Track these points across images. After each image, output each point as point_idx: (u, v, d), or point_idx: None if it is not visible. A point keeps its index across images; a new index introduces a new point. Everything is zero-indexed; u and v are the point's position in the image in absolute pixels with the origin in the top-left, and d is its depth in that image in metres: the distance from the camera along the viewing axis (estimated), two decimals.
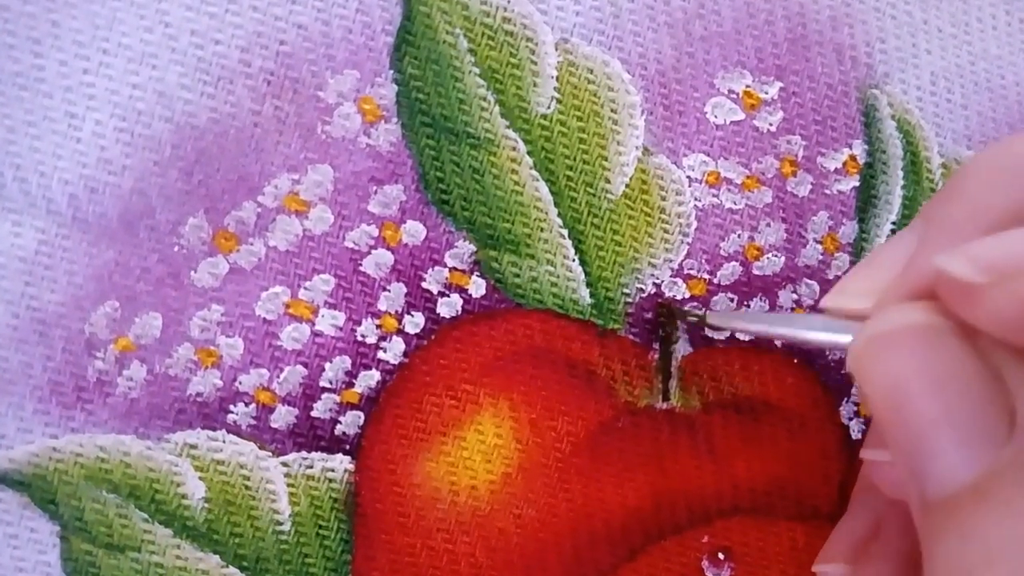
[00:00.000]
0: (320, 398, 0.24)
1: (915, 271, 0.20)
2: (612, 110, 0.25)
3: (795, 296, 0.26)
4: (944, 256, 0.18)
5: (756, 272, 0.26)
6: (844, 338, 0.20)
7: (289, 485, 0.24)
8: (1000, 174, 0.20)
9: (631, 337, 0.25)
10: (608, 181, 0.25)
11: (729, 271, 0.26)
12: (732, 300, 0.26)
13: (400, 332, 0.25)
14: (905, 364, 0.19)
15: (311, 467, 0.24)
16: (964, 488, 0.18)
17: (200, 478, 0.24)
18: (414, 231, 0.24)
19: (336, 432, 0.24)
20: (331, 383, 0.24)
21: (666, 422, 0.25)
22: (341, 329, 0.24)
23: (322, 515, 0.24)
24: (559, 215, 0.25)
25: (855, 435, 0.27)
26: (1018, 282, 0.17)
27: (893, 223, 0.27)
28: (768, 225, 0.26)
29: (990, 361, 0.18)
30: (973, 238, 0.19)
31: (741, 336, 0.26)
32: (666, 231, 0.25)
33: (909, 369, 0.18)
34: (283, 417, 0.24)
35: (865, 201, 0.27)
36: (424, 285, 0.25)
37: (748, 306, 0.26)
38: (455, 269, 0.25)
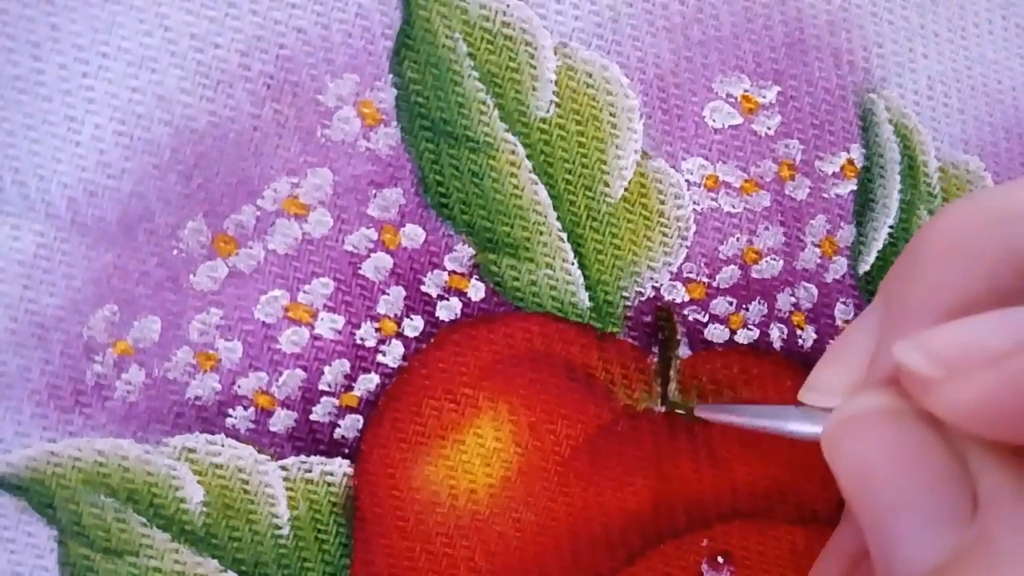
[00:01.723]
0: (319, 402, 0.24)
1: (880, 364, 0.20)
2: (611, 114, 0.25)
3: (793, 299, 0.26)
4: (902, 347, 0.19)
5: (755, 275, 0.26)
6: (820, 429, 0.21)
7: (288, 489, 0.24)
8: (954, 256, 0.20)
9: (630, 340, 0.25)
10: (607, 185, 0.25)
11: (728, 274, 0.26)
12: (731, 303, 0.26)
13: (399, 335, 0.25)
14: (869, 447, 0.19)
15: (310, 471, 0.24)
16: (929, 573, 0.18)
17: (198, 482, 0.24)
18: (413, 234, 0.24)
19: (335, 436, 0.24)
20: (330, 387, 0.24)
21: (665, 426, 0.25)
22: (340, 333, 0.24)
23: (321, 519, 0.24)
24: (558, 219, 0.25)
25: None
26: (972, 377, 0.18)
27: (890, 227, 0.27)
28: (766, 229, 0.26)
29: (953, 444, 0.19)
30: (931, 324, 0.19)
31: (740, 339, 0.26)
32: (665, 235, 0.25)
33: (873, 452, 0.19)
34: (282, 421, 0.24)
35: (863, 205, 0.27)
36: (423, 288, 0.25)
37: (747, 309, 0.26)
38: (454, 272, 0.25)
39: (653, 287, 0.25)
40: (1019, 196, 0.20)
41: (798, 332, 0.26)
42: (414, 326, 0.25)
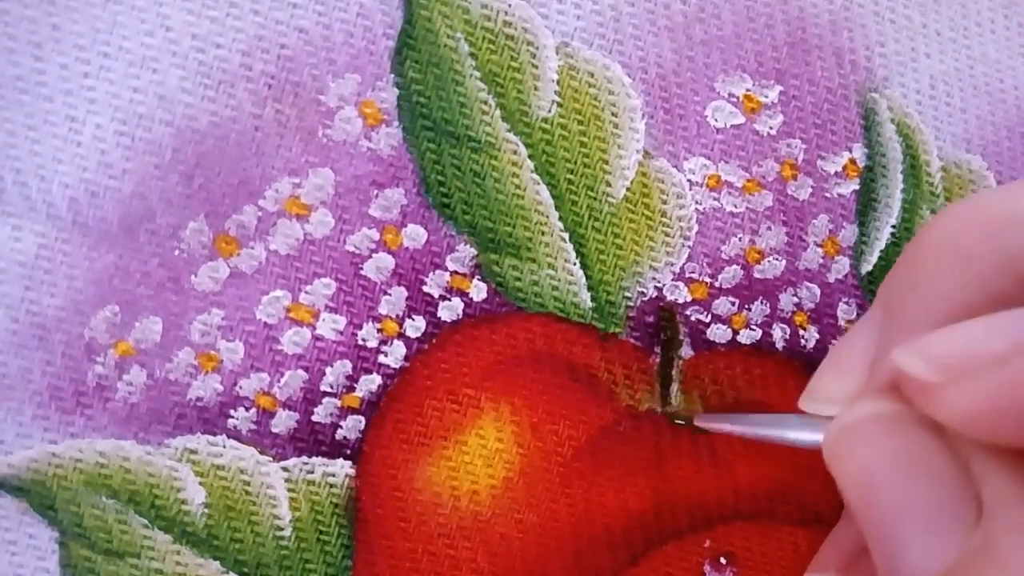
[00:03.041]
0: (321, 402, 0.24)
1: (880, 370, 0.20)
2: (613, 114, 0.25)
3: (796, 299, 0.26)
4: (901, 353, 0.19)
5: (757, 275, 0.26)
6: (821, 437, 0.21)
7: (290, 490, 0.24)
8: (950, 262, 0.20)
9: (632, 341, 0.25)
10: (609, 185, 0.25)
11: (730, 274, 0.26)
12: (733, 304, 0.26)
13: (401, 336, 0.25)
14: (872, 453, 0.19)
15: (312, 472, 0.24)
16: None
17: (200, 483, 0.24)
18: (415, 235, 0.24)
19: (337, 437, 0.24)
20: (332, 387, 0.24)
21: (667, 426, 0.25)
22: (342, 333, 0.24)
23: (323, 520, 0.24)
24: (560, 219, 0.25)
25: None
26: (972, 381, 0.18)
27: (893, 226, 0.27)
28: (769, 228, 0.26)
29: (956, 449, 0.19)
30: (929, 330, 0.19)
31: (743, 339, 0.26)
32: (667, 234, 0.25)
33: (876, 458, 0.19)
34: (284, 422, 0.24)
35: (865, 204, 0.27)
36: (425, 289, 0.25)
37: (749, 309, 0.26)
38: (456, 273, 0.25)
39: (655, 287, 0.25)
40: (1015, 201, 0.20)
41: (801, 332, 0.26)
42: (416, 327, 0.25)
